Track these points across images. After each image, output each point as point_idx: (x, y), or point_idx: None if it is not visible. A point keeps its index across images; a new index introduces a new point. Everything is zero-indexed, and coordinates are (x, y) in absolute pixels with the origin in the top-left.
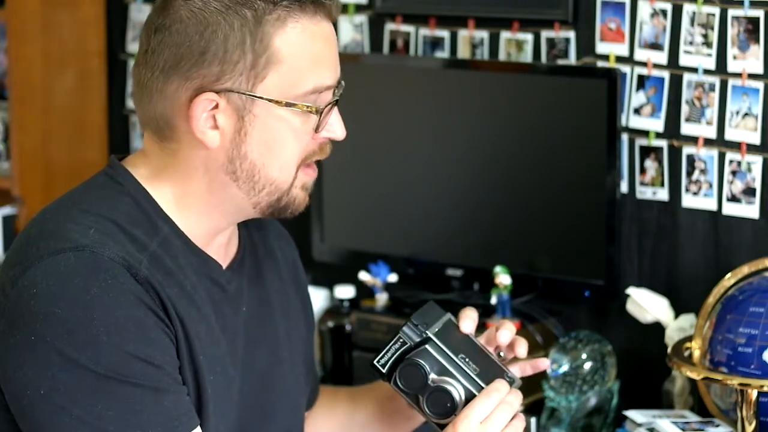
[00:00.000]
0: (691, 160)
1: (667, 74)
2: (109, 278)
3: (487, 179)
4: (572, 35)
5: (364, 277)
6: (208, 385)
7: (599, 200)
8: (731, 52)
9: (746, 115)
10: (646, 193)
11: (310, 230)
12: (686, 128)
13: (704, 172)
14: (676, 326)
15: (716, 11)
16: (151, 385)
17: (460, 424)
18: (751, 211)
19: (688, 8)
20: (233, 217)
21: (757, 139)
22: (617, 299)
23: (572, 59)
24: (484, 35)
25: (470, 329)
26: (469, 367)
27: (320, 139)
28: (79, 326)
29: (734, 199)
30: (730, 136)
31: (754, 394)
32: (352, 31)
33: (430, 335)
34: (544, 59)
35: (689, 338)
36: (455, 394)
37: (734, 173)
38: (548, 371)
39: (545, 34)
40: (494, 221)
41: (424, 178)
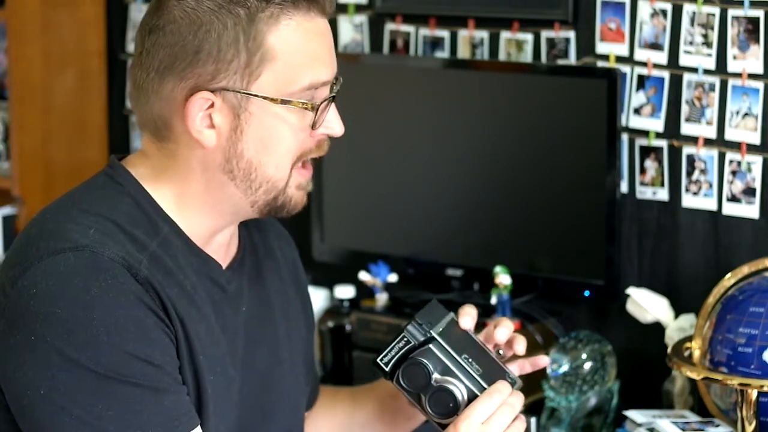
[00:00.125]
0: (691, 160)
1: (667, 74)
2: (109, 278)
3: (487, 179)
4: (572, 35)
5: (364, 277)
6: (208, 385)
7: (599, 200)
8: (731, 52)
9: (746, 115)
10: (646, 193)
11: (310, 230)
12: (686, 128)
13: (704, 172)
14: (676, 326)
15: (716, 11)
16: (151, 385)
17: (461, 424)
18: (751, 211)
19: (688, 8)
20: (232, 216)
21: (757, 139)
22: (617, 299)
23: (572, 59)
24: (484, 35)
25: (469, 326)
26: (472, 367)
27: (318, 136)
28: (79, 326)
29: (734, 199)
30: (730, 136)
31: (754, 394)
32: (352, 31)
33: (434, 335)
34: (544, 59)
35: (689, 338)
36: (458, 394)
37: (734, 173)
38: (548, 371)
39: (545, 34)
40: (494, 221)
41: (424, 178)
